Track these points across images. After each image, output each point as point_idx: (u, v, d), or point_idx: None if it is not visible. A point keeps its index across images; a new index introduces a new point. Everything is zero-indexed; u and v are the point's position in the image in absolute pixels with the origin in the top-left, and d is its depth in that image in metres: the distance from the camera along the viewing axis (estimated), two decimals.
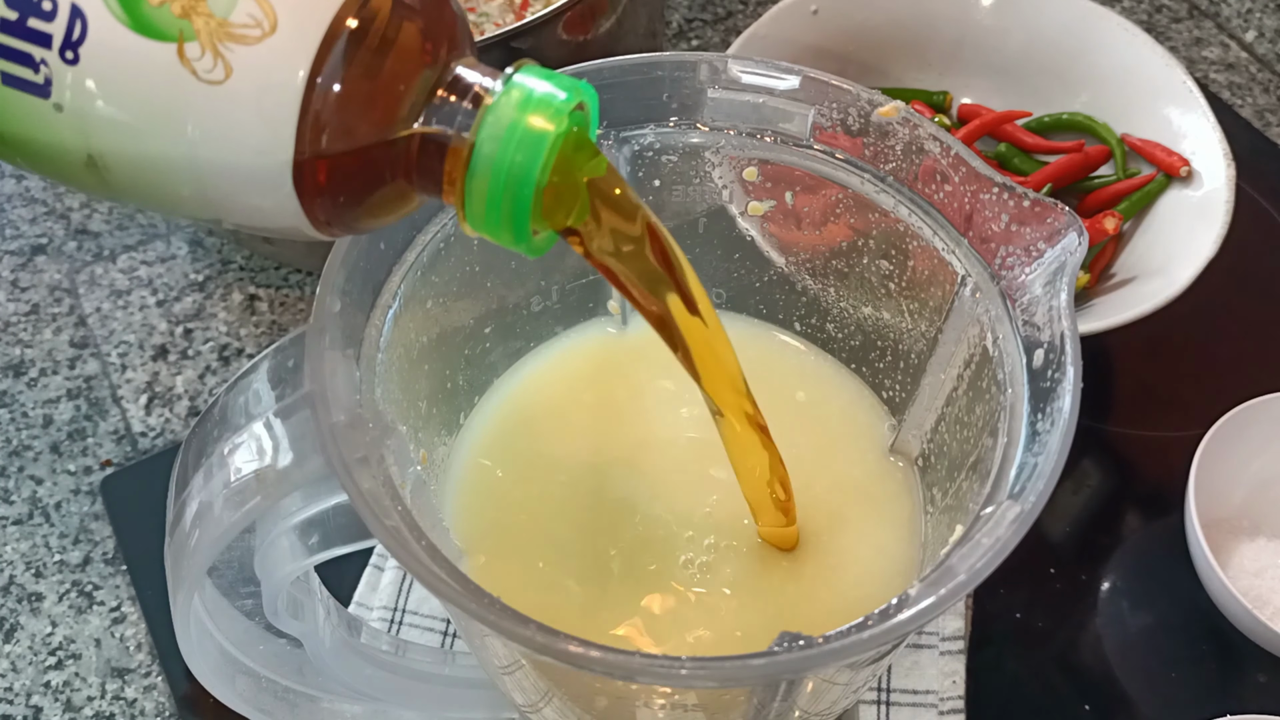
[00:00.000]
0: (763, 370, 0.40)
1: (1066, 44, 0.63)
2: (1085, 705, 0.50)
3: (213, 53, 0.23)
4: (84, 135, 0.24)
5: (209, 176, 0.25)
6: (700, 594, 0.36)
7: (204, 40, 0.23)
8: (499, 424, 0.41)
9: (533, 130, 0.26)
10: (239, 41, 0.23)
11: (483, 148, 0.26)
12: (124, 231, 0.69)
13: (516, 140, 0.26)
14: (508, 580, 0.37)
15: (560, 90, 0.26)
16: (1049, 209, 0.31)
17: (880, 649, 0.29)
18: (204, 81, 0.23)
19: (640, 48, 0.60)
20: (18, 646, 0.53)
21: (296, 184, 0.25)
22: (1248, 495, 0.54)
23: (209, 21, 0.23)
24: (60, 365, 0.63)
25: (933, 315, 0.36)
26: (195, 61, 0.23)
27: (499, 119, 0.26)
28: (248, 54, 0.23)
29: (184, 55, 0.23)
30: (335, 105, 0.24)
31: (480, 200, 0.26)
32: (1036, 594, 0.53)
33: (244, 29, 0.23)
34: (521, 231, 0.27)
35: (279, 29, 0.23)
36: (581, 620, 0.35)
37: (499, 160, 0.26)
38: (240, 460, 0.30)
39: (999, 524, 0.28)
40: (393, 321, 0.34)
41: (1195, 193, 0.57)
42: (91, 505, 0.58)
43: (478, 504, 0.39)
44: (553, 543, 0.38)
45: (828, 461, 0.39)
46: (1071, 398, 0.29)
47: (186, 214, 0.26)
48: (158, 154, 0.24)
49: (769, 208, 0.39)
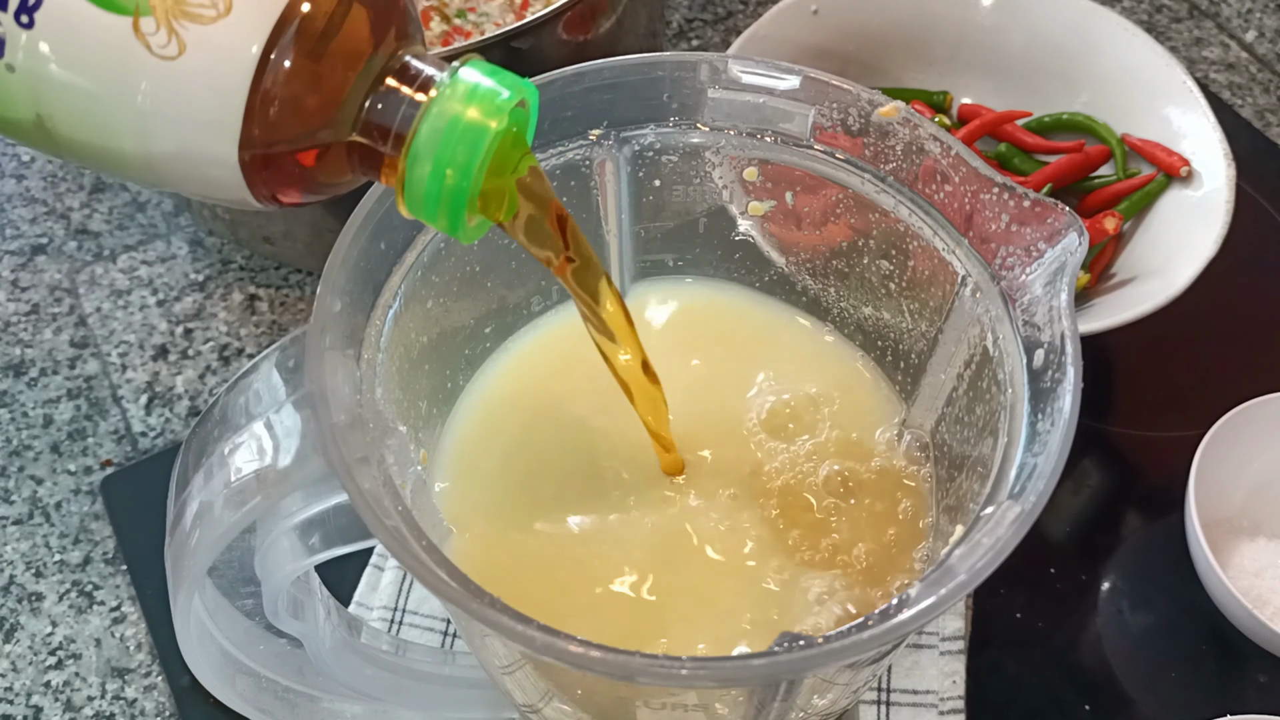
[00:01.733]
0: (780, 359, 0.40)
1: (1067, 44, 0.63)
2: (1085, 705, 0.50)
3: (167, 29, 0.24)
4: (34, 96, 0.25)
5: (156, 146, 0.25)
6: (697, 566, 0.36)
7: (159, 16, 0.24)
8: (487, 400, 0.41)
9: (474, 125, 0.26)
10: (194, 20, 0.24)
11: (424, 138, 0.26)
12: (124, 231, 0.69)
13: (459, 134, 0.26)
14: (498, 552, 0.36)
15: (503, 88, 0.27)
16: (1049, 209, 0.31)
17: (880, 649, 0.29)
18: (157, 56, 0.24)
19: (640, 48, 0.60)
20: (18, 646, 0.53)
21: (241, 160, 0.25)
22: (1248, 495, 0.54)
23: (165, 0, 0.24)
24: (60, 365, 0.63)
25: (933, 315, 0.36)
26: (150, 36, 0.24)
27: (442, 111, 0.26)
28: (201, 33, 0.24)
29: (139, 29, 0.24)
30: (283, 88, 0.25)
31: (419, 187, 0.27)
32: (1037, 594, 0.53)
33: (199, 8, 0.24)
34: (457, 220, 0.27)
35: (233, 10, 0.24)
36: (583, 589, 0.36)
37: (440, 152, 0.26)
38: (241, 460, 0.30)
39: (999, 524, 0.28)
40: (393, 321, 0.34)
41: (1195, 193, 0.57)
42: (91, 505, 0.58)
43: (465, 479, 0.38)
44: (542, 508, 0.37)
45: (835, 455, 0.39)
46: (1072, 398, 0.29)
47: (131, 178, 0.27)
48: (106, 121, 0.25)
49: (769, 208, 0.39)
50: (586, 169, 0.37)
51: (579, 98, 0.36)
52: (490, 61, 0.28)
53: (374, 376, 0.32)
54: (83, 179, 0.72)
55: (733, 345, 0.41)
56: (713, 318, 0.42)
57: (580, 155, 0.37)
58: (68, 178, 0.72)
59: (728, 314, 0.42)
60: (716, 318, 0.42)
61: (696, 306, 0.42)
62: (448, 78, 0.27)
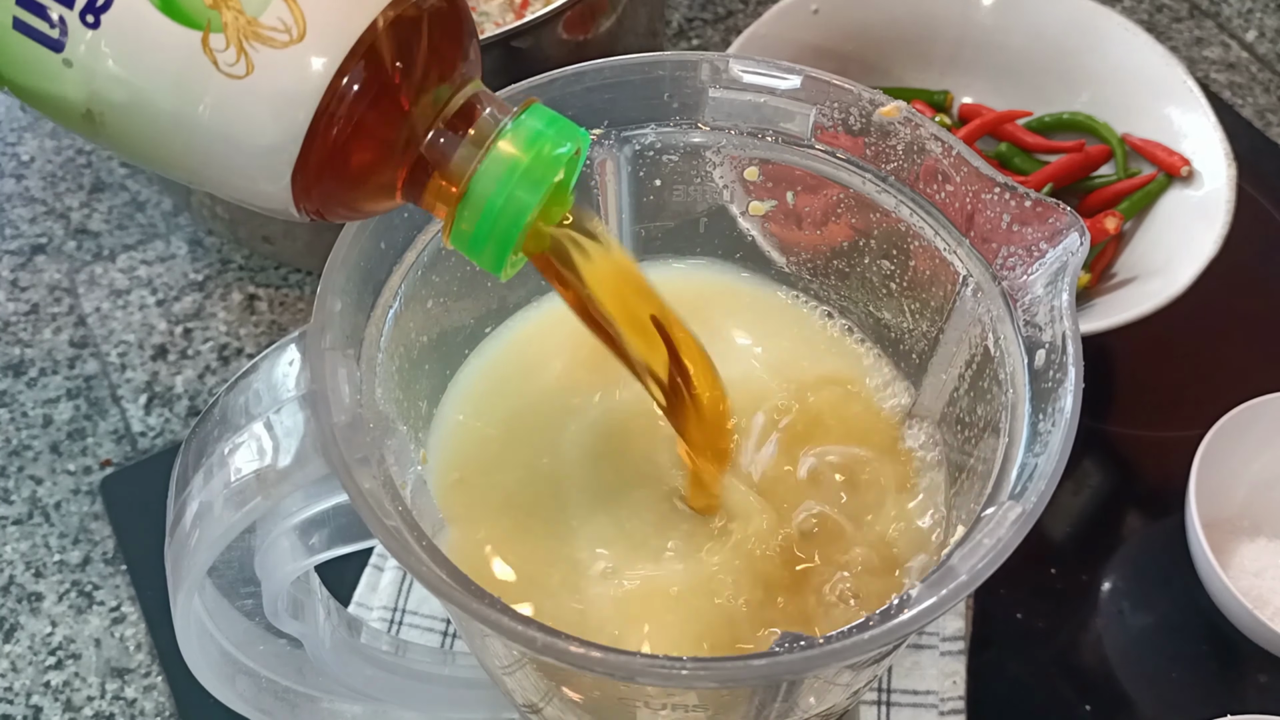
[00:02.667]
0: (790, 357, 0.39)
1: (1067, 44, 0.63)
2: (1086, 705, 0.50)
3: (237, 48, 0.24)
4: (89, 93, 0.24)
5: (208, 156, 0.25)
6: (696, 549, 0.36)
7: (230, 34, 0.23)
8: (481, 379, 0.40)
9: (533, 175, 0.27)
10: (265, 43, 0.24)
11: (481, 181, 0.27)
12: (124, 231, 0.69)
13: (516, 180, 0.27)
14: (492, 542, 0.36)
15: (564, 141, 0.27)
16: (1050, 209, 0.31)
17: (881, 649, 0.28)
18: (223, 73, 0.24)
19: (640, 47, 0.60)
20: (18, 646, 0.53)
21: (294, 179, 0.26)
22: (1248, 495, 0.54)
23: (238, 17, 0.23)
24: (60, 365, 0.63)
25: (934, 315, 0.36)
26: (218, 53, 0.24)
27: (501, 156, 0.27)
28: (272, 56, 0.24)
29: (208, 44, 0.23)
30: (346, 117, 0.25)
31: (469, 226, 0.27)
32: (1037, 594, 0.53)
33: (272, 31, 0.24)
34: (501, 261, 0.28)
35: (306, 38, 0.24)
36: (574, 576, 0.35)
37: (495, 196, 0.27)
38: (240, 460, 0.30)
39: (1000, 524, 0.28)
40: (393, 321, 0.34)
41: (1196, 192, 0.57)
42: (91, 505, 0.58)
43: (458, 462, 0.38)
44: (535, 486, 0.37)
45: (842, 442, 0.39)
46: (1073, 398, 0.29)
47: (172, 177, 0.27)
48: (160, 127, 0.25)
49: (770, 208, 0.39)
50: (587, 168, 0.37)
51: (579, 97, 0.36)
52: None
53: (374, 376, 0.32)
54: (82, 179, 0.72)
55: (731, 328, 0.41)
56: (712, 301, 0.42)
57: None
58: (67, 177, 0.72)
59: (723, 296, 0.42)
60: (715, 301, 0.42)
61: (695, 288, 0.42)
62: (510, 123, 0.27)
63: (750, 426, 0.38)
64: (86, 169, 0.73)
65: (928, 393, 0.38)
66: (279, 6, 0.24)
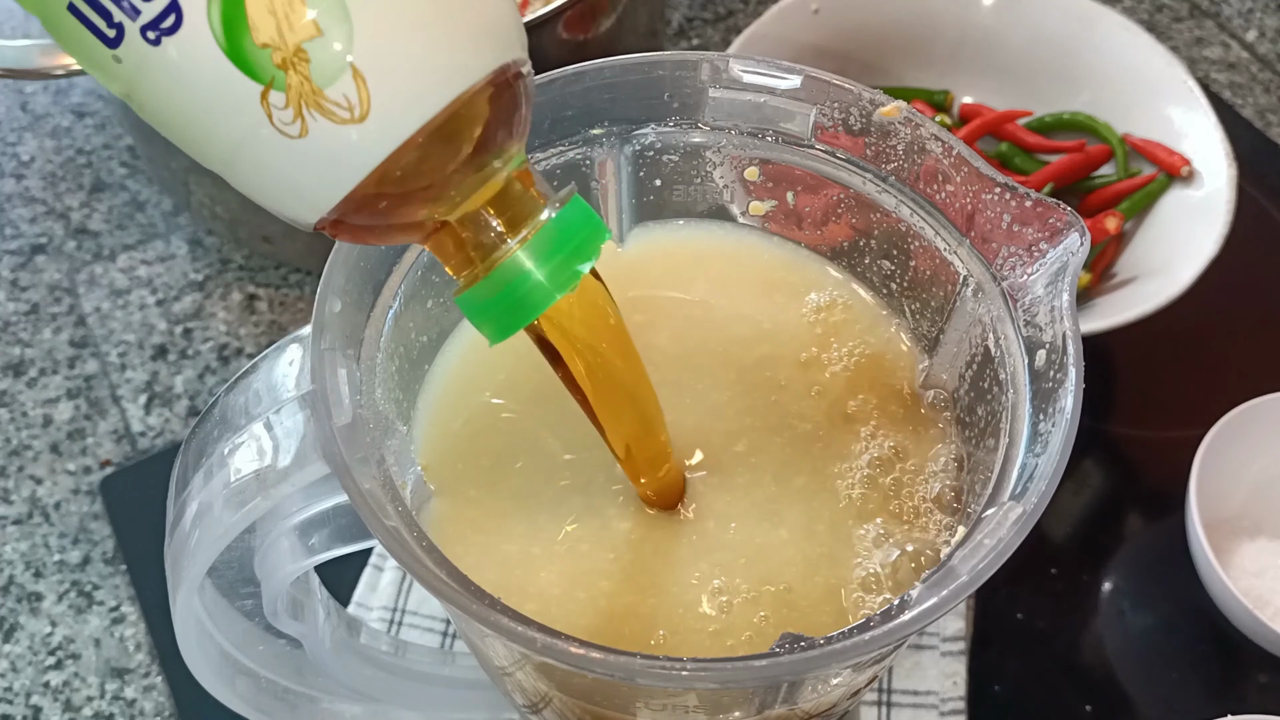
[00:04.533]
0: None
1: (1068, 44, 0.63)
2: (1086, 706, 0.50)
3: (296, 110, 0.23)
4: (131, 87, 0.24)
5: (240, 174, 0.25)
6: (700, 522, 0.35)
7: (292, 96, 0.23)
8: (464, 360, 0.40)
9: (558, 277, 0.28)
10: (325, 114, 0.23)
11: (507, 269, 0.27)
12: (123, 231, 0.69)
13: (529, 288, 0.27)
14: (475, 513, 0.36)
15: (590, 252, 0.28)
16: (1051, 209, 0.31)
17: (882, 650, 0.28)
18: (275, 127, 0.23)
19: (640, 47, 0.60)
20: (17, 646, 0.53)
21: (320, 222, 0.26)
22: (1249, 495, 0.54)
23: (305, 84, 0.23)
24: (60, 365, 0.63)
25: (934, 316, 0.36)
26: (276, 109, 0.23)
27: (530, 255, 0.27)
28: (328, 127, 0.23)
29: (266, 99, 0.23)
30: (389, 193, 0.25)
31: (482, 298, 0.28)
32: (1038, 594, 0.53)
33: (335, 106, 0.23)
34: (500, 337, 0.29)
35: (368, 120, 0.23)
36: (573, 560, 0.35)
37: (516, 283, 0.27)
38: (240, 460, 0.30)
39: (1001, 525, 0.27)
40: (393, 321, 0.34)
41: (1196, 192, 0.57)
42: (91, 505, 0.58)
43: (451, 430, 0.38)
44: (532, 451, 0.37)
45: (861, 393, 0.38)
46: (1074, 398, 0.29)
47: (199, 161, 0.27)
48: (197, 137, 0.25)
49: (770, 207, 0.39)
50: (587, 168, 0.37)
51: (579, 97, 0.36)
52: None
53: (374, 376, 0.32)
54: (82, 179, 0.72)
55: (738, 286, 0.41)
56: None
57: (580, 155, 0.37)
58: (67, 177, 0.72)
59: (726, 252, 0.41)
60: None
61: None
62: (547, 216, 0.28)
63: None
64: (86, 169, 0.73)
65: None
66: (347, 84, 0.23)
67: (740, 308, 0.40)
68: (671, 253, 0.41)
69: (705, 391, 0.37)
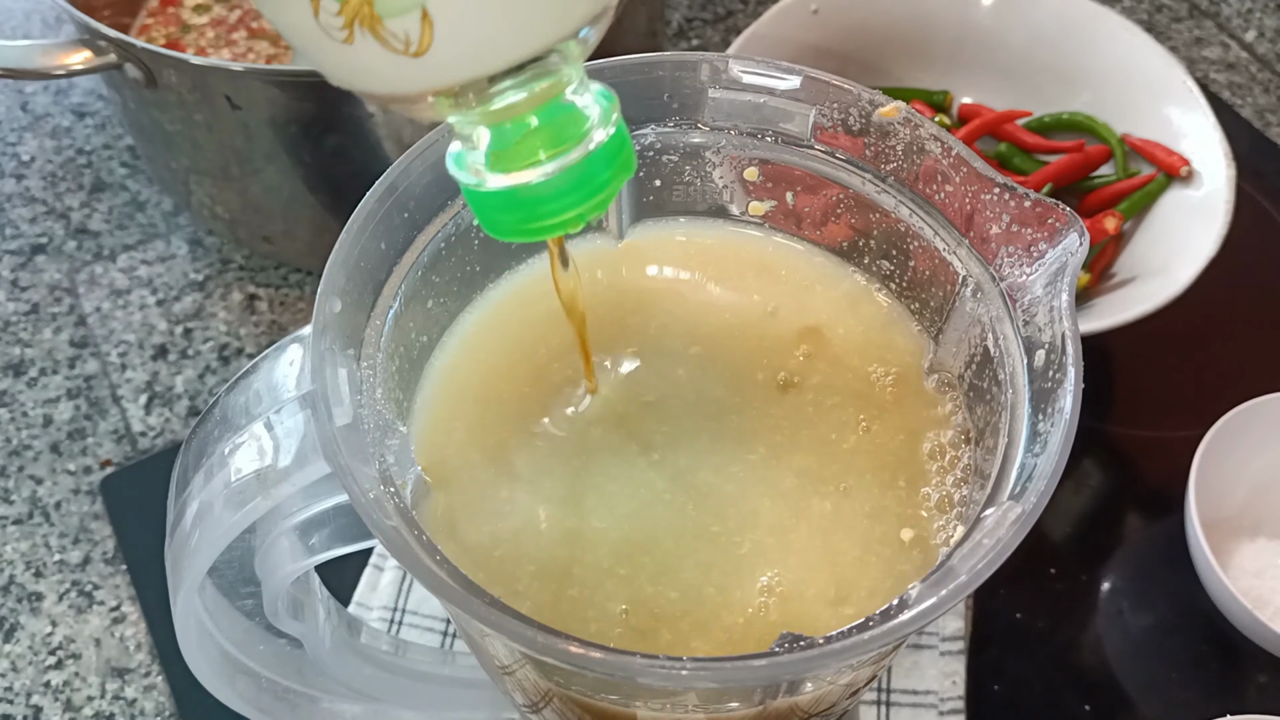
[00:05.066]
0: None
1: (1067, 44, 0.63)
2: (1085, 706, 0.50)
3: (347, 22, 0.22)
4: None
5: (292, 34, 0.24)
6: (700, 515, 0.35)
7: (347, 11, 0.22)
8: (461, 350, 0.40)
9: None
10: (377, 39, 0.23)
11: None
12: (123, 231, 0.69)
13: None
14: (473, 498, 0.36)
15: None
16: (1050, 209, 0.31)
17: (881, 649, 0.28)
18: (322, 28, 0.23)
19: (640, 47, 0.60)
20: (18, 646, 0.53)
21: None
22: (1248, 495, 0.54)
23: (365, 7, 0.22)
24: (60, 365, 0.63)
25: (934, 316, 0.36)
26: (327, 14, 0.22)
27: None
28: (378, 50, 0.23)
29: (318, 4, 0.22)
30: (422, 101, 0.24)
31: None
32: (1037, 594, 0.53)
33: (390, 36, 0.23)
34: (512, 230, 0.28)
35: (422, 59, 0.23)
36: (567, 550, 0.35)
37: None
38: (241, 460, 0.30)
39: (1000, 525, 0.28)
40: (393, 321, 0.34)
41: (1196, 192, 0.57)
42: (91, 505, 0.58)
43: (447, 422, 0.38)
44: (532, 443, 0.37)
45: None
46: (1073, 398, 0.29)
47: None
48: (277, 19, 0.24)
49: (770, 208, 0.39)
50: None
51: None
52: None
53: (374, 377, 0.32)
54: (82, 179, 0.72)
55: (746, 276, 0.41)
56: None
57: None
58: (67, 177, 0.72)
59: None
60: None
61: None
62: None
63: None
64: (86, 169, 0.73)
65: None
66: (412, 23, 0.22)
67: (737, 298, 0.40)
68: (670, 248, 0.41)
69: (697, 382, 0.38)
